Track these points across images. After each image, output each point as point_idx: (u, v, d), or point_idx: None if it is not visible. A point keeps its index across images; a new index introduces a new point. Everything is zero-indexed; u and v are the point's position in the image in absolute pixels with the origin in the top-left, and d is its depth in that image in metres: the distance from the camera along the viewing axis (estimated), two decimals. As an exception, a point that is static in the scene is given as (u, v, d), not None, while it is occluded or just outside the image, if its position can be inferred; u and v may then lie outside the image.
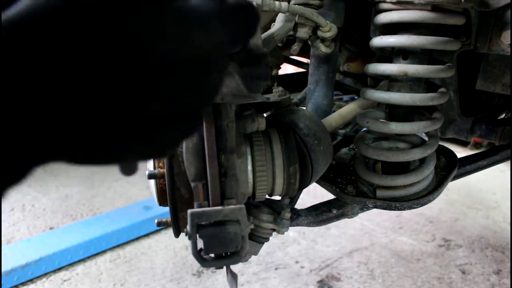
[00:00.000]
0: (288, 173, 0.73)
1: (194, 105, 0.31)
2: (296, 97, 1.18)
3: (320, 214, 0.90)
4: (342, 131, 1.09)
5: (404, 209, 0.88)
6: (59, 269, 1.95)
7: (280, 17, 0.83)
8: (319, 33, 0.85)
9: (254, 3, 0.61)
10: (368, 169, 0.90)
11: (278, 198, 0.83)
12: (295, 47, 0.86)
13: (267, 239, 0.86)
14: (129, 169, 0.54)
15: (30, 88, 0.23)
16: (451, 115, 1.11)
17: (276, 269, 1.97)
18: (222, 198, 0.64)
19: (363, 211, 0.91)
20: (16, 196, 2.60)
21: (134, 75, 0.26)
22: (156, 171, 0.70)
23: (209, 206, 0.63)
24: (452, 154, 1.00)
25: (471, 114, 1.13)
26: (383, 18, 0.81)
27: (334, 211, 0.90)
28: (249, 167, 0.71)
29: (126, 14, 0.25)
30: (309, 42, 0.89)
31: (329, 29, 0.84)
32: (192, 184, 0.64)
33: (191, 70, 0.29)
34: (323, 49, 0.88)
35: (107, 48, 0.25)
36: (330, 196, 0.93)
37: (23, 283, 1.86)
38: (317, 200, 0.94)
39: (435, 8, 0.75)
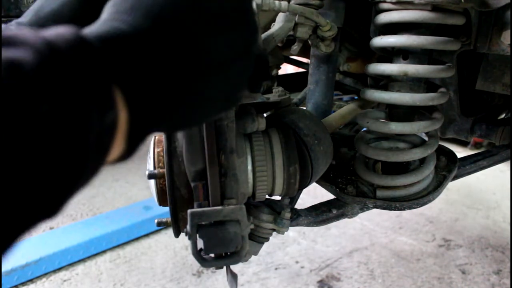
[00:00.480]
0: (288, 173, 0.73)
1: (246, 42, 0.41)
2: (296, 97, 1.18)
3: (320, 214, 0.90)
4: (342, 131, 1.09)
5: (404, 209, 0.88)
6: (59, 269, 1.95)
7: (280, 17, 0.83)
8: (319, 32, 0.85)
9: (254, 3, 0.61)
10: (368, 169, 0.90)
11: (278, 198, 0.83)
12: (295, 47, 0.86)
13: (267, 239, 0.86)
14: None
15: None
16: (451, 115, 1.11)
17: (276, 269, 1.97)
18: (222, 198, 0.64)
19: (363, 211, 0.91)
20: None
21: (200, 30, 0.37)
22: (156, 171, 0.70)
23: (209, 206, 0.63)
24: (452, 154, 1.00)
25: (471, 114, 1.13)
26: (383, 18, 0.81)
27: (334, 211, 0.90)
28: (249, 167, 0.71)
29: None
30: (309, 42, 0.89)
31: (329, 29, 0.84)
32: (192, 184, 0.64)
33: (237, 18, 0.40)
34: (323, 48, 0.88)
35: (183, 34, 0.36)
36: (330, 196, 0.93)
37: (23, 283, 1.85)
38: (317, 200, 0.94)
39: (435, 8, 0.75)
